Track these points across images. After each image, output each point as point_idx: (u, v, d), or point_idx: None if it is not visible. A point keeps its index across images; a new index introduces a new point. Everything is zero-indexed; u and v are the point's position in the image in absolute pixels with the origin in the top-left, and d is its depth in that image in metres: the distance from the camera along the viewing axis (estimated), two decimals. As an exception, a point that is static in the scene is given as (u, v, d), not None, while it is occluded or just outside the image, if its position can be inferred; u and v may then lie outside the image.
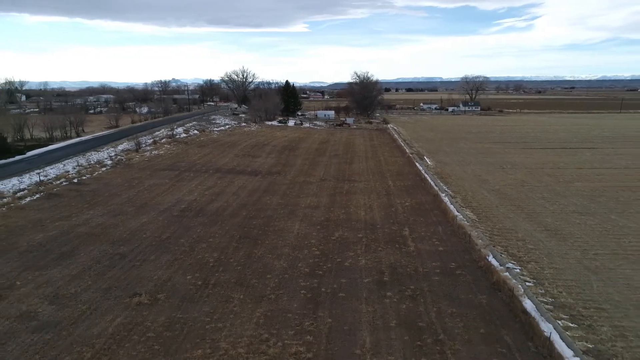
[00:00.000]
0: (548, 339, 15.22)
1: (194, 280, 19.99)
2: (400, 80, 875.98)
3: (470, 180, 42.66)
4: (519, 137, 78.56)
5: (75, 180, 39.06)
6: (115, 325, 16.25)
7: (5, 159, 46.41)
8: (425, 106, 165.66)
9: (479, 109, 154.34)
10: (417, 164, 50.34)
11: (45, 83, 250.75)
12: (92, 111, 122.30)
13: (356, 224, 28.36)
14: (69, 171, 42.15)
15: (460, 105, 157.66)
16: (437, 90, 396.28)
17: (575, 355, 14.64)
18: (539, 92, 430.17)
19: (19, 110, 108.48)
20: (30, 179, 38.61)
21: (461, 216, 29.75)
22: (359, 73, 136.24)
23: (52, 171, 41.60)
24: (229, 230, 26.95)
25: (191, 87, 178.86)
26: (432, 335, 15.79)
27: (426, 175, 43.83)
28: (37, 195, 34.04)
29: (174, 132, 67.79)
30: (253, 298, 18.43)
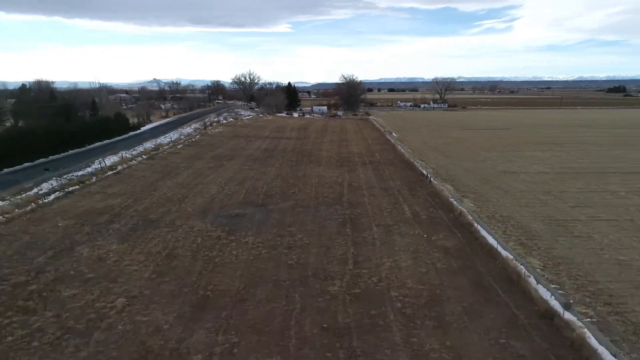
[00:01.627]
0: (429, 179, 47.71)
1: (292, 164, 51.86)
2: (382, 80, 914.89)
3: (417, 142, 75.23)
4: (465, 124, 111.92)
5: (190, 140, 70.27)
6: (279, 166, 48.00)
7: (134, 131, 77.31)
8: (401, 104, 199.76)
9: (446, 106, 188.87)
10: (387, 136, 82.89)
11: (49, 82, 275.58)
12: (124, 107, 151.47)
13: (353, 153, 60.65)
14: (180, 137, 73.23)
15: (431, 103, 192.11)
16: (417, 91, 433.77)
17: (439, 184, 46.97)
18: (512, 92, 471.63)
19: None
20: (164, 140, 69.50)
21: (404, 151, 62.27)
22: (345, 75, 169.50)
23: (174, 136, 72.64)
24: (293, 155, 58.91)
25: (198, 87, 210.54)
26: (384, 175, 48.14)
27: (392, 140, 76.39)
28: (180, 146, 65.23)
29: (219, 119, 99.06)
30: (316, 165, 50.45)
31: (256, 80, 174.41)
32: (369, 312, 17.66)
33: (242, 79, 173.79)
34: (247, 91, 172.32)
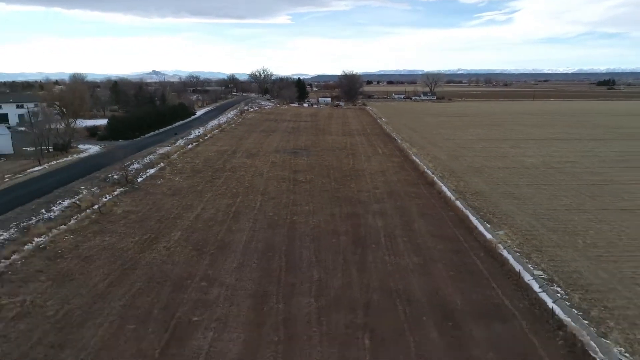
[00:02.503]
0: (396, 140, 79.18)
1: (314, 134, 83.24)
2: (382, 72, 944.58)
3: (398, 124, 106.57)
4: (442, 112, 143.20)
5: (237, 121, 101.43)
6: (306, 135, 79.39)
7: (193, 116, 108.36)
8: (395, 96, 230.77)
9: (435, 97, 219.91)
10: (378, 120, 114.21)
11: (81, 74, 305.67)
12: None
13: (352, 129, 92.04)
14: (229, 120, 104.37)
15: (421, 95, 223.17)
16: (416, 83, 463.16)
17: (401, 142, 78.36)
18: (506, 84, 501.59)
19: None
20: (220, 121, 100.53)
21: (386, 128, 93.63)
22: (346, 70, 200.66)
23: (224, 119, 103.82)
24: (312, 130, 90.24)
25: (215, 80, 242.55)
26: (371, 139, 79.64)
27: (380, 122, 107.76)
28: (233, 125, 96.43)
29: (248, 107, 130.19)
30: (329, 135, 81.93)
31: (270, 75, 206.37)
32: (357, 174, 49.47)
33: (257, 74, 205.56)
34: (262, 85, 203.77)
